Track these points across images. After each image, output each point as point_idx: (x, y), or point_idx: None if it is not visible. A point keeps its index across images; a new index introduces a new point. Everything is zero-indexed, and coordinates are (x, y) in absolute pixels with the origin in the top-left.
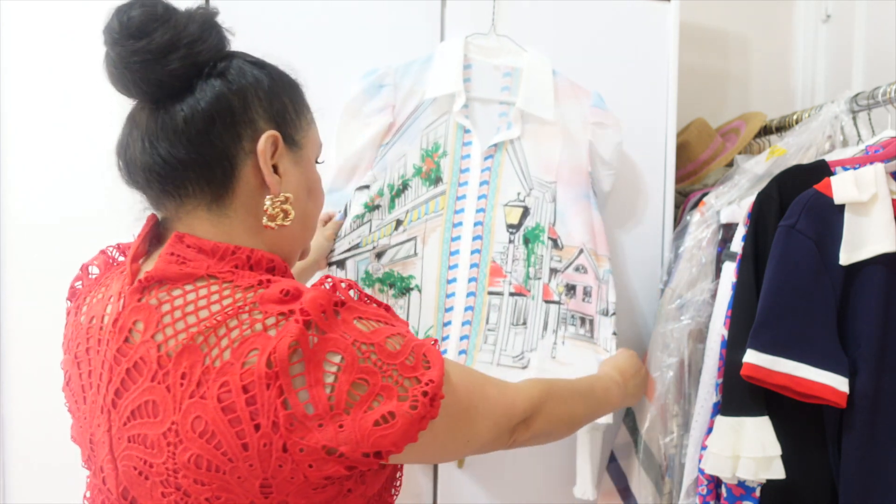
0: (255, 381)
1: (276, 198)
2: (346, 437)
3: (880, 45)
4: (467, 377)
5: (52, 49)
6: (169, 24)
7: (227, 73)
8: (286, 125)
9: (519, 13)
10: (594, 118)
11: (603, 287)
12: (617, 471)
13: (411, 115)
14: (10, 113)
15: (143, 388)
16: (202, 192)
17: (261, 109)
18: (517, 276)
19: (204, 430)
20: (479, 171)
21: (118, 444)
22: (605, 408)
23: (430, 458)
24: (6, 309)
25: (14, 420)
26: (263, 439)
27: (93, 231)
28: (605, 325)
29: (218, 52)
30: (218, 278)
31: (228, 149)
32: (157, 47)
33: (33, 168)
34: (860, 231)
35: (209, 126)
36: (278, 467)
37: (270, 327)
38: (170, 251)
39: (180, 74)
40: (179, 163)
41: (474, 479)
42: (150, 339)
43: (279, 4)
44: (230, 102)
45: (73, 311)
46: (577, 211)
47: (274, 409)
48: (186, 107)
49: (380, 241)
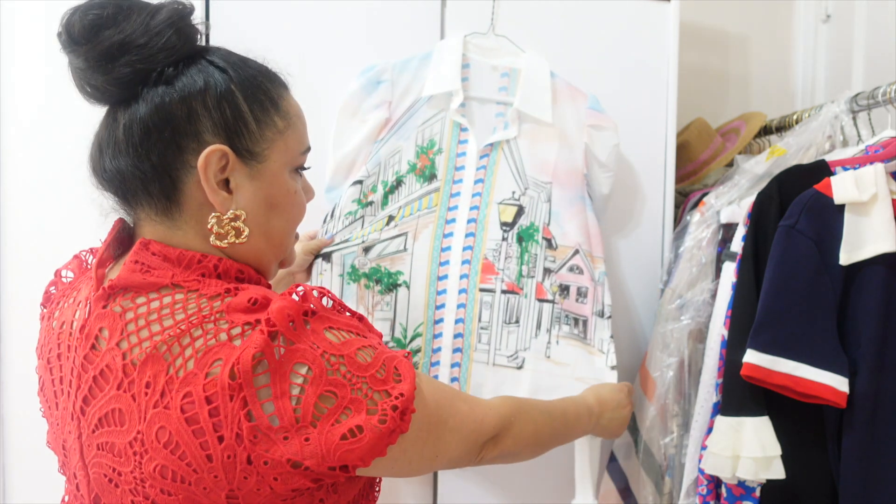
0: (219, 392)
1: (222, 216)
2: (312, 451)
3: (880, 45)
4: (438, 392)
5: (53, 49)
6: (118, 26)
7: (177, 78)
8: (240, 137)
9: (519, 13)
10: (590, 121)
11: (598, 288)
12: (617, 471)
13: (407, 111)
14: (10, 113)
15: (109, 395)
16: (148, 205)
17: (207, 120)
18: (509, 274)
19: (168, 440)
20: (475, 170)
21: (88, 451)
22: (572, 434)
23: (398, 472)
24: (6, 309)
25: (14, 420)
26: (227, 451)
27: (93, 231)
28: (601, 326)
29: (174, 53)
30: (183, 287)
31: (167, 163)
32: (101, 53)
33: (33, 168)
34: (860, 231)
35: (145, 138)
36: (244, 479)
37: (236, 337)
38: (134, 258)
39: (125, 82)
40: (119, 173)
41: (474, 482)
42: (116, 346)
43: (279, 4)
44: (172, 113)
45: (47, 317)
46: (572, 213)
47: (237, 420)
48: (127, 116)
49: (370, 235)
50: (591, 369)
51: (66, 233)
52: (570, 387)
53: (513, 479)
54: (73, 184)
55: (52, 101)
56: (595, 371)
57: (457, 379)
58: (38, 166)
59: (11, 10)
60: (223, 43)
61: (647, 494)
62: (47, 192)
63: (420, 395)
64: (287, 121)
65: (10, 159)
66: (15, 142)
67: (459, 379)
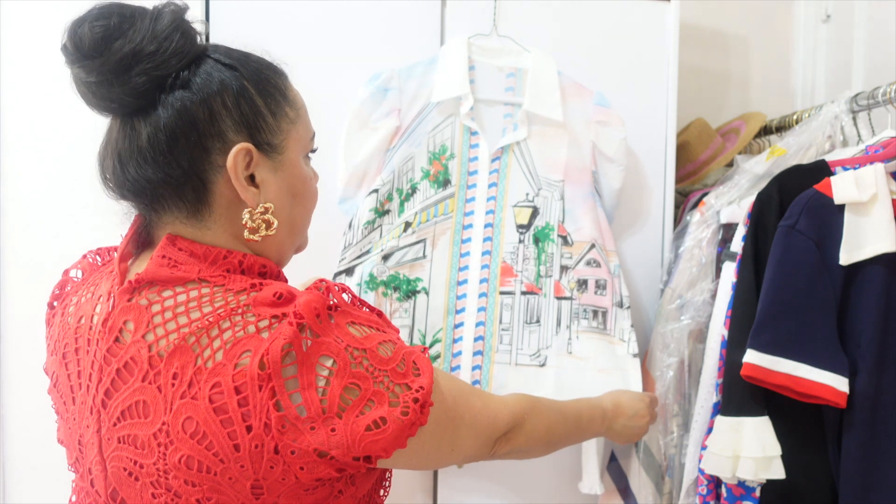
0: (248, 382)
1: (254, 210)
2: (338, 441)
3: (880, 45)
4: (454, 387)
5: (53, 49)
6: (126, 36)
7: (192, 82)
8: (261, 131)
9: (519, 13)
10: (597, 117)
11: (616, 280)
12: (617, 471)
13: (416, 117)
14: (10, 113)
15: (133, 388)
16: (177, 208)
17: (229, 119)
18: (528, 275)
19: (195, 430)
20: (488, 174)
21: (107, 445)
22: (584, 435)
23: (415, 464)
24: (6, 309)
25: (14, 420)
26: (255, 441)
27: (93, 231)
28: (622, 316)
29: (184, 55)
30: (210, 282)
31: (196, 166)
32: (114, 65)
33: (33, 168)
34: (860, 231)
35: (173, 144)
36: (269, 468)
37: (263, 329)
38: (161, 253)
39: (142, 91)
40: (148, 182)
41: (474, 479)
42: (141, 338)
43: (279, 4)
44: (194, 116)
45: (60, 313)
46: (585, 209)
47: (266, 410)
48: (150, 125)
49: (388, 243)
50: (613, 358)
51: (66, 233)
52: (594, 379)
53: (512, 472)
54: (74, 184)
55: (53, 101)
56: (617, 360)
57: (478, 382)
58: (38, 166)
59: (11, 10)
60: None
61: (647, 494)
62: (47, 193)
63: (438, 389)
64: (296, 110)
65: (10, 159)
66: (15, 142)
67: (481, 381)
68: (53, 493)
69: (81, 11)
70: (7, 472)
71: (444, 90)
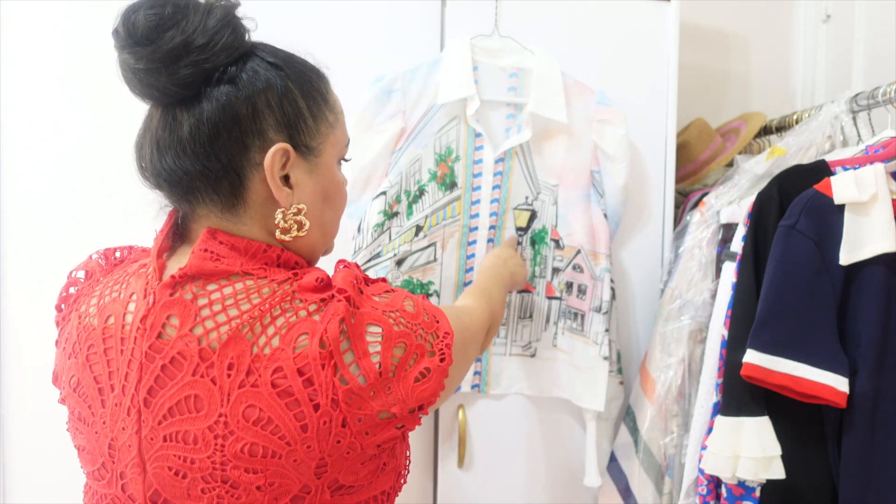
0: (310, 362)
1: (287, 211)
2: (395, 398)
3: (880, 45)
4: (455, 318)
5: (53, 49)
6: (178, 27)
7: (238, 78)
8: (300, 133)
9: (519, 13)
10: (598, 115)
11: (598, 285)
12: (617, 471)
13: (422, 118)
14: (11, 113)
15: (183, 383)
16: (212, 202)
17: (271, 118)
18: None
19: (258, 417)
20: (492, 176)
21: (150, 445)
22: (506, 286)
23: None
24: (6, 309)
25: (14, 420)
26: (323, 417)
27: (93, 231)
28: (598, 320)
29: (233, 51)
30: (253, 275)
31: (235, 161)
32: (165, 54)
33: (33, 168)
34: (860, 231)
35: (215, 138)
36: (336, 443)
37: (314, 313)
38: (203, 247)
39: (189, 82)
40: (185, 174)
41: (473, 478)
42: (189, 332)
43: (278, 4)
44: (237, 112)
45: (74, 315)
46: (577, 213)
47: (332, 386)
48: (193, 117)
49: (400, 247)
50: (587, 358)
51: (66, 233)
52: (569, 373)
53: (511, 471)
54: (74, 184)
55: (53, 101)
56: (590, 360)
57: (479, 373)
58: (38, 166)
59: (11, 10)
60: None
61: (647, 494)
62: (47, 193)
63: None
64: (335, 115)
65: (10, 159)
66: (15, 142)
67: (481, 371)
68: (53, 494)
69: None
70: (7, 472)
71: (449, 92)
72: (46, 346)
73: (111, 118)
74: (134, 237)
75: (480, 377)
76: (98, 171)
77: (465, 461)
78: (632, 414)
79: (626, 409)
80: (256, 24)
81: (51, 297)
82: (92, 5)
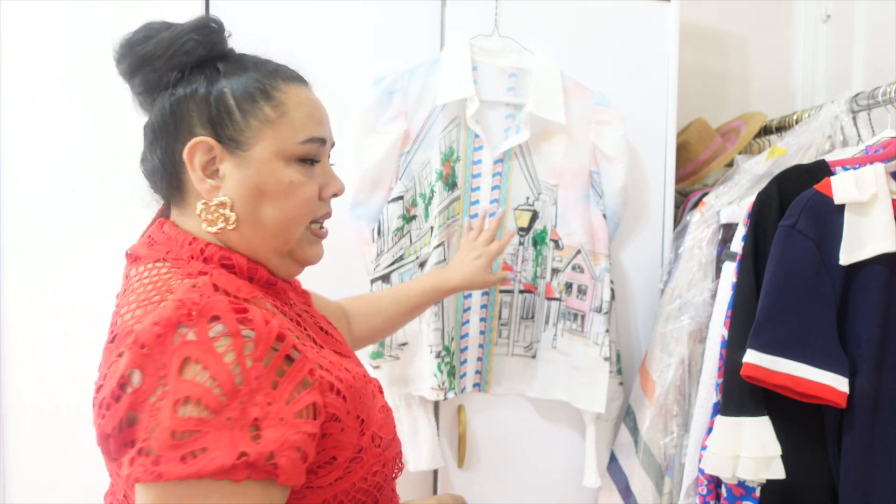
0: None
1: (209, 203)
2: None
3: (880, 45)
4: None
5: (53, 49)
6: (142, 45)
7: (179, 83)
8: (224, 127)
9: (519, 13)
10: (597, 116)
11: (598, 285)
12: (617, 471)
13: (426, 120)
14: (11, 113)
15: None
16: (165, 197)
17: (197, 116)
18: (526, 275)
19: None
20: (491, 176)
21: None
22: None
23: None
24: (6, 309)
25: (14, 420)
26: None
27: (93, 231)
28: (598, 321)
29: (183, 65)
30: (169, 263)
31: (169, 157)
32: (127, 67)
33: (33, 168)
34: (860, 231)
35: (155, 138)
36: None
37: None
38: (148, 233)
39: (143, 91)
40: (145, 169)
41: (473, 478)
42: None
43: (278, 5)
44: (171, 113)
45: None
46: (576, 213)
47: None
48: (147, 120)
49: (422, 250)
50: (586, 359)
51: (66, 233)
52: (568, 375)
53: (512, 478)
54: (74, 184)
55: (53, 101)
56: (590, 361)
57: (480, 372)
58: (38, 166)
59: (11, 10)
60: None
61: (647, 494)
62: (47, 193)
63: None
64: (280, 110)
65: (10, 159)
66: (15, 142)
67: (482, 371)
68: (53, 494)
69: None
70: (7, 472)
71: (448, 92)
72: (46, 346)
73: (111, 118)
74: (134, 237)
75: (482, 376)
76: (98, 171)
77: (466, 461)
78: (632, 414)
79: (627, 409)
80: (231, 32)
81: (51, 297)
82: (92, 5)
